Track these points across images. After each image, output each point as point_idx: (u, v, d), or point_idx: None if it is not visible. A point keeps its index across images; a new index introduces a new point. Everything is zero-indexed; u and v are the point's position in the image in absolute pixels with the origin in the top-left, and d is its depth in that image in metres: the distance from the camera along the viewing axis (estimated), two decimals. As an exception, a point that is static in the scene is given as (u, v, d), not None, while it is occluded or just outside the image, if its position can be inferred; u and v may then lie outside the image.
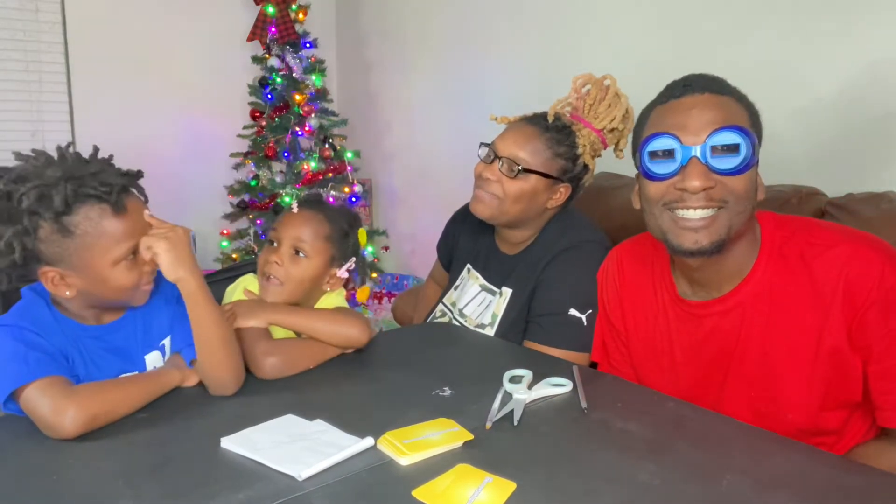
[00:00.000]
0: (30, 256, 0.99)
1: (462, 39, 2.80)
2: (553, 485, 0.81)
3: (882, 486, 0.82)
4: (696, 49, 1.93)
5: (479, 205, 1.43)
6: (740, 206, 0.99)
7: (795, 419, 1.04)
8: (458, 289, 1.59)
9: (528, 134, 1.39)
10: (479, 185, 1.44)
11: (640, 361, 1.23)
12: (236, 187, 3.13)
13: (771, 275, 1.04)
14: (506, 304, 1.45)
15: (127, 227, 1.02)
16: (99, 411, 0.95)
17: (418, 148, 3.17)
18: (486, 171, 1.41)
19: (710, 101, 1.00)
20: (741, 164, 0.97)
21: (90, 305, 1.08)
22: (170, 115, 3.20)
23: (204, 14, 3.28)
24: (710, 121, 0.98)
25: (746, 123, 1.00)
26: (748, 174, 0.99)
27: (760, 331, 1.05)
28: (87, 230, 0.99)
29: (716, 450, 0.91)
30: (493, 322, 1.46)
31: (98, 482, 0.83)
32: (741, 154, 0.97)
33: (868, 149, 1.60)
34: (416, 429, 0.93)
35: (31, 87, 2.94)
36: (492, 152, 1.41)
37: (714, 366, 1.11)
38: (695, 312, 1.12)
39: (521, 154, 1.37)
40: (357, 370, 1.21)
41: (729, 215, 0.99)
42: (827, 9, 1.64)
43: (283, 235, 1.26)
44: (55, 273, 1.00)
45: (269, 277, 1.24)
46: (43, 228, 0.98)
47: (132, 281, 1.04)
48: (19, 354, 0.97)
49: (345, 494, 0.79)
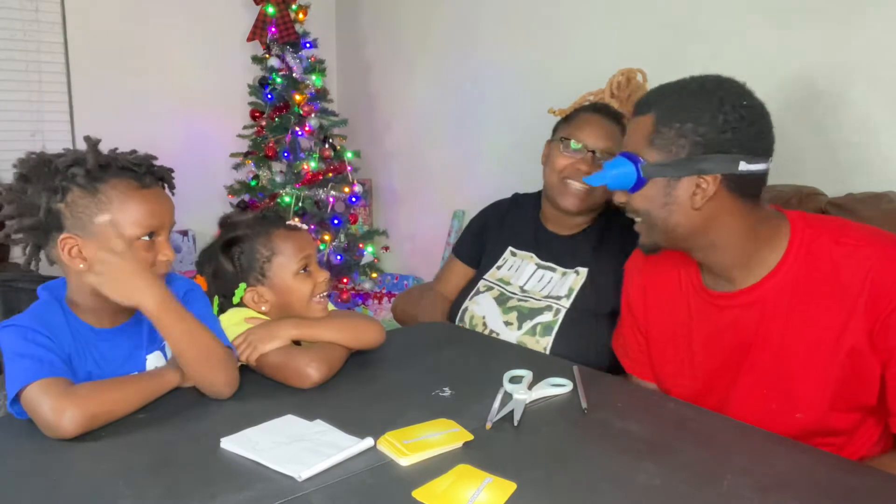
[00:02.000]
0: (53, 220, 1.02)
1: (462, 39, 2.80)
2: (553, 485, 0.81)
3: (882, 487, 0.82)
4: (695, 46, 1.93)
5: (574, 198, 1.55)
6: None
7: (804, 417, 1.04)
8: (506, 268, 1.64)
9: (612, 129, 1.54)
10: (572, 177, 1.54)
11: (657, 350, 1.24)
12: (236, 187, 3.12)
13: (797, 271, 1.04)
14: (583, 281, 1.54)
15: (149, 208, 1.05)
16: (98, 411, 0.95)
17: (418, 148, 3.17)
18: (581, 163, 1.53)
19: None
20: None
21: (100, 294, 1.08)
22: (170, 115, 3.20)
23: (204, 14, 3.28)
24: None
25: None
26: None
27: (780, 326, 1.05)
28: (112, 199, 1.02)
29: (716, 450, 0.91)
30: (569, 295, 1.53)
31: (98, 482, 0.83)
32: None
33: (868, 148, 1.60)
34: (416, 429, 0.93)
35: (31, 87, 2.93)
36: (584, 147, 1.53)
37: (730, 357, 1.11)
38: (716, 303, 1.12)
39: (612, 146, 1.52)
40: (357, 370, 1.21)
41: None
42: (826, 8, 1.64)
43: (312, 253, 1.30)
44: (74, 242, 1.02)
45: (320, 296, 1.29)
46: (72, 192, 1.01)
47: (146, 263, 1.05)
48: (26, 355, 0.97)
49: (345, 495, 0.79)
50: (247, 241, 1.27)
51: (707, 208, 1.03)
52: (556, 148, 1.56)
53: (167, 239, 1.08)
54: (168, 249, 1.07)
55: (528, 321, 1.51)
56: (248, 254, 1.26)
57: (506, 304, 1.56)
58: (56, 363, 0.98)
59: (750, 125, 1.01)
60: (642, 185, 1.07)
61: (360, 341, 1.24)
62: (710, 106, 1.01)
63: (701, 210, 1.03)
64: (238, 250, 1.27)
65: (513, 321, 1.52)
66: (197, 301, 1.17)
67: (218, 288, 1.29)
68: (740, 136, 1.00)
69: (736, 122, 1.00)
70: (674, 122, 1.02)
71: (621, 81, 1.59)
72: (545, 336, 1.48)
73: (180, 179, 1.14)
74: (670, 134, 1.03)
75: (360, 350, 1.26)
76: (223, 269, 1.28)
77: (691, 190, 1.03)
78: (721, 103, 1.01)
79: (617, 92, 1.60)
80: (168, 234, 1.09)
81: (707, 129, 1.00)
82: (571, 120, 1.59)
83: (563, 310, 1.50)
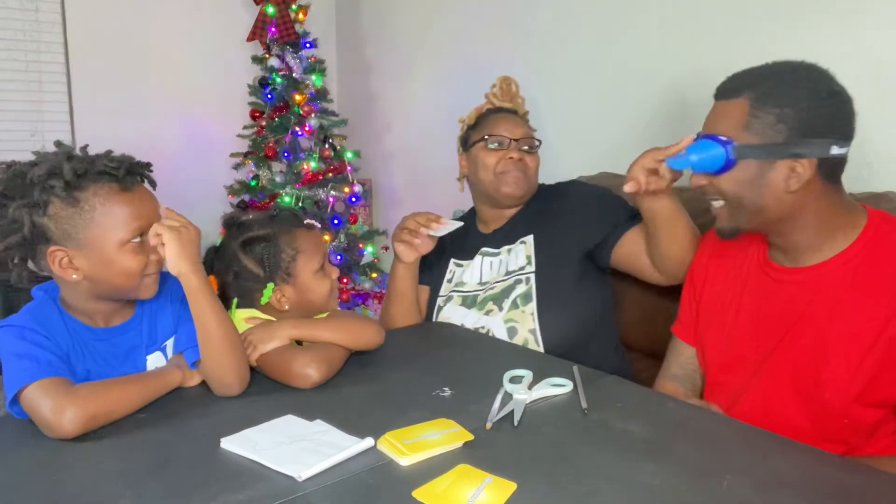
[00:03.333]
0: (38, 235, 1.00)
1: (462, 39, 2.80)
2: (553, 485, 0.81)
3: (883, 487, 0.82)
4: (697, 45, 1.93)
5: (514, 183, 1.60)
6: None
7: (832, 399, 1.05)
8: (457, 277, 1.66)
9: (518, 120, 1.69)
10: (507, 168, 1.60)
11: (704, 315, 1.26)
12: (236, 187, 3.12)
13: (861, 259, 1.06)
14: (534, 245, 1.57)
15: (134, 209, 1.03)
16: (98, 411, 0.94)
17: (418, 148, 3.17)
18: (510, 153, 1.61)
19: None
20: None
21: (97, 296, 1.07)
22: (170, 115, 3.20)
23: (204, 14, 3.28)
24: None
25: None
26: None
27: (830, 307, 1.07)
28: (95, 206, 1.01)
29: (716, 450, 0.91)
30: (528, 261, 1.55)
31: (98, 482, 0.83)
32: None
33: (868, 148, 1.60)
34: (417, 429, 0.93)
35: (31, 87, 2.93)
36: (506, 138, 1.62)
37: (773, 330, 1.13)
38: (776, 276, 1.15)
39: (528, 133, 1.67)
40: (357, 370, 1.21)
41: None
42: (827, 8, 1.64)
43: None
44: (63, 253, 1.01)
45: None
46: (53, 204, 0.99)
47: (138, 265, 1.04)
48: (24, 355, 0.97)
49: (345, 495, 0.79)
50: (271, 240, 1.27)
51: (799, 192, 1.06)
52: (481, 150, 1.61)
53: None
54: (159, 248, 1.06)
55: (506, 300, 1.53)
56: (273, 253, 1.26)
57: (475, 302, 1.57)
58: (55, 362, 0.98)
59: (840, 109, 1.05)
60: (730, 167, 1.07)
61: (358, 342, 1.24)
62: (807, 91, 1.04)
63: (794, 193, 1.05)
64: (263, 250, 1.26)
65: (492, 308, 1.54)
66: None
67: (239, 289, 1.29)
68: (834, 120, 1.04)
69: (830, 107, 1.04)
70: (772, 106, 1.04)
71: (502, 87, 1.76)
72: (528, 303, 1.50)
73: (180, 179, 1.15)
74: (768, 118, 1.04)
75: (359, 350, 1.26)
76: (247, 269, 1.27)
77: (785, 173, 1.05)
78: (817, 88, 1.04)
79: (498, 102, 1.74)
80: None
81: (806, 114, 1.03)
82: (482, 123, 1.66)
83: (531, 275, 1.53)
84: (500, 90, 1.76)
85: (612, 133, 2.10)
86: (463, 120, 1.76)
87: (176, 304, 1.15)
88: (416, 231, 1.53)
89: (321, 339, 1.20)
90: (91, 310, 1.08)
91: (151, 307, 1.15)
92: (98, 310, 1.09)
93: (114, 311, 1.11)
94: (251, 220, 1.32)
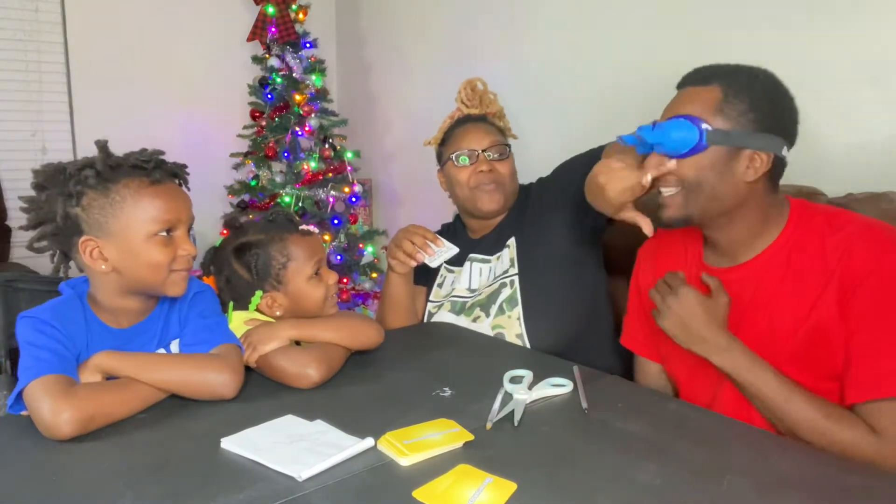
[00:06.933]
0: (71, 225, 1.04)
1: (462, 40, 2.80)
2: (553, 485, 0.81)
3: (882, 486, 0.82)
4: (696, 44, 1.93)
5: (489, 198, 1.61)
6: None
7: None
8: (447, 283, 1.66)
9: (486, 127, 1.70)
10: (479, 182, 1.62)
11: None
12: (236, 187, 3.13)
13: (790, 248, 1.11)
14: (516, 248, 1.57)
15: (163, 203, 1.06)
16: (96, 413, 0.94)
17: (418, 148, 3.16)
18: (479, 166, 1.62)
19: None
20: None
21: (125, 291, 1.08)
22: (170, 115, 3.20)
23: (204, 14, 3.28)
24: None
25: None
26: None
27: (769, 298, 1.10)
28: (126, 197, 1.04)
29: (716, 450, 0.91)
30: (512, 264, 1.55)
31: (98, 482, 0.83)
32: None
33: (868, 148, 1.60)
34: (417, 429, 0.93)
35: (31, 87, 2.94)
36: (473, 151, 1.63)
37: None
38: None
39: (495, 138, 1.68)
40: (357, 370, 1.21)
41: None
42: (826, 8, 1.64)
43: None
44: (94, 244, 1.04)
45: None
46: (86, 195, 1.03)
47: (164, 259, 1.06)
48: (34, 344, 0.99)
49: (345, 495, 0.79)
50: (261, 247, 1.26)
51: (751, 184, 1.09)
52: (452, 167, 1.62)
53: (186, 234, 1.09)
54: (188, 244, 1.09)
55: (493, 305, 1.53)
56: (263, 261, 1.26)
57: (464, 308, 1.58)
58: (58, 361, 0.98)
59: (793, 114, 1.11)
60: (699, 150, 1.08)
61: (358, 341, 1.24)
62: (768, 90, 1.09)
63: (748, 185, 1.09)
64: (253, 257, 1.26)
65: (479, 315, 1.54)
66: (207, 302, 1.18)
67: (231, 294, 1.29)
68: (787, 123, 1.10)
69: (787, 109, 1.10)
70: (743, 96, 1.07)
71: (469, 91, 1.73)
72: (513, 307, 1.50)
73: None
74: (741, 106, 1.07)
75: (359, 350, 1.26)
76: (238, 275, 1.27)
77: (746, 163, 1.08)
78: (777, 90, 1.10)
79: (469, 101, 1.73)
80: (187, 228, 1.10)
81: (769, 110, 1.08)
82: (449, 139, 1.66)
83: (514, 277, 1.53)
84: (465, 97, 1.74)
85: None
86: (429, 142, 1.77)
87: (184, 305, 1.15)
88: (412, 255, 1.53)
89: (321, 339, 1.21)
90: (118, 307, 1.09)
91: (169, 308, 1.15)
92: (124, 307, 1.10)
93: (139, 311, 1.12)
94: (248, 223, 1.32)
